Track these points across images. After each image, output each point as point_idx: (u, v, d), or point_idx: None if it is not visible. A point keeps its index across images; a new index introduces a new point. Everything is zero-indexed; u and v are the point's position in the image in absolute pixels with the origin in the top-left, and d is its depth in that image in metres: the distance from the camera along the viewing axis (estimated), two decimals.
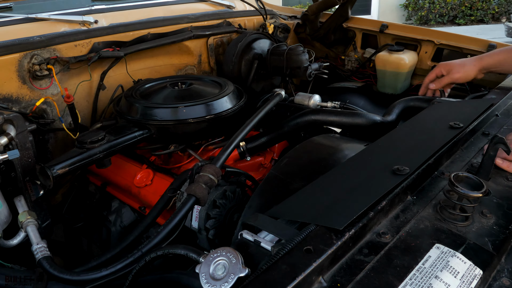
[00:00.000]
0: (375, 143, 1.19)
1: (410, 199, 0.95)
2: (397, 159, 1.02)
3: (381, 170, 0.97)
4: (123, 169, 1.75)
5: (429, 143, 1.11)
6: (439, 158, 1.06)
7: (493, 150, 1.00)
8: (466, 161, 1.12)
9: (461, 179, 0.89)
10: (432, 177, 1.04)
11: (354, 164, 1.05)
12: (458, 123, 1.18)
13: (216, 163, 1.31)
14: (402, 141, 1.17)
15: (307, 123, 1.59)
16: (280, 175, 1.22)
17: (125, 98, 1.70)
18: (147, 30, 2.04)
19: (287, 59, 2.03)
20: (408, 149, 1.10)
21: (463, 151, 1.17)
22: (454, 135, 1.14)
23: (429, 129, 1.23)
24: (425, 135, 1.18)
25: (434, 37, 2.25)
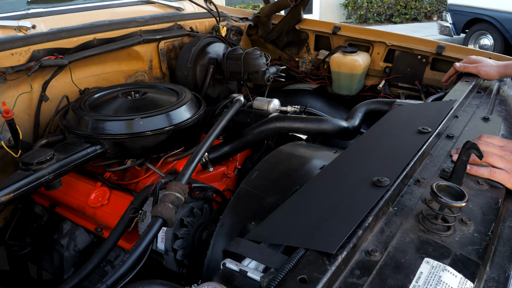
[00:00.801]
0: (347, 151, 1.16)
1: (392, 210, 0.94)
2: (374, 169, 1.00)
3: (361, 182, 0.94)
4: (75, 188, 1.60)
5: (402, 150, 1.11)
6: (413, 166, 1.06)
7: (465, 156, 1.01)
8: (437, 167, 1.12)
9: (442, 188, 0.89)
10: (408, 185, 1.04)
11: (331, 176, 1.02)
12: (426, 128, 1.19)
13: (182, 179, 1.23)
14: (373, 148, 1.16)
15: (272, 131, 1.54)
16: (252, 190, 1.17)
17: (73, 111, 1.55)
18: (93, 35, 1.89)
19: (244, 63, 1.97)
20: (382, 157, 1.08)
21: (432, 156, 1.18)
22: (424, 141, 1.14)
23: (397, 134, 1.23)
24: (395, 142, 1.18)
25: (386, 38, 2.30)
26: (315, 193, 0.96)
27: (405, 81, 2.29)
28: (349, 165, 1.06)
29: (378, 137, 1.24)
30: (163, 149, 1.58)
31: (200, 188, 1.30)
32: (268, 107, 2.00)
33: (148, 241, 1.09)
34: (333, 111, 2.36)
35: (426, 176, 1.08)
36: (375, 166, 1.02)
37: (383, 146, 1.16)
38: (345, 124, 1.50)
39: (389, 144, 1.17)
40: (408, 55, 2.23)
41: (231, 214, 1.14)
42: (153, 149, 1.53)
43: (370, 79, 2.46)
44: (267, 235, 0.83)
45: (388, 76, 2.34)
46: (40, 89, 1.77)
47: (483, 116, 1.43)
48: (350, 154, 1.14)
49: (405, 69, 2.27)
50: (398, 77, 2.30)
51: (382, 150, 1.13)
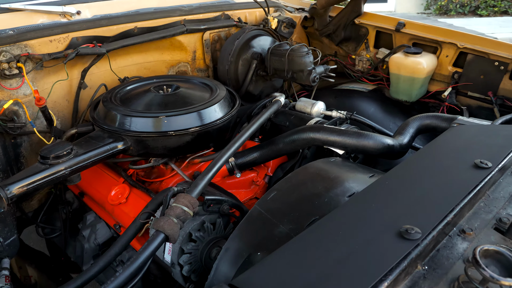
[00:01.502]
0: (381, 181, 0.98)
1: (421, 270, 0.75)
2: (406, 212, 0.82)
3: (385, 231, 0.77)
4: (99, 180, 1.57)
5: (449, 188, 0.91)
6: (460, 211, 0.85)
7: None
8: (493, 214, 0.90)
9: (489, 254, 0.69)
10: (449, 236, 0.84)
11: (351, 215, 0.85)
12: (486, 162, 0.97)
13: (193, 191, 1.12)
14: (413, 182, 0.96)
15: (305, 142, 1.38)
16: (266, 213, 1.03)
17: (103, 103, 1.51)
18: (134, 24, 1.83)
19: (289, 61, 1.81)
20: (421, 196, 0.89)
21: (489, 198, 0.96)
22: (480, 179, 0.92)
23: (448, 166, 1.01)
24: (443, 176, 0.97)
25: (457, 39, 2.00)
26: (328, 236, 0.81)
27: (476, 91, 1.99)
28: (377, 203, 0.89)
29: (423, 167, 1.04)
30: (189, 150, 1.49)
31: (215, 201, 1.19)
32: (312, 110, 1.83)
33: (146, 256, 1.00)
34: (387, 118, 2.13)
35: (476, 225, 0.87)
36: (409, 209, 0.84)
37: (427, 180, 0.96)
38: (390, 142, 1.30)
39: (435, 178, 0.96)
40: (482, 60, 1.92)
41: (238, 239, 1.01)
42: (177, 150, 1.45)
43: (435, 84, 2.18)
44: (255, 285, 0.69)
45: (457, 83, 2.04)
46: (79, 76, 1.76)
47: None
48: (382, 187, 0.95)
49: (477, 77, 1.96)
50: (468, 85, 2.00)
51: (424, 185, 0.94)
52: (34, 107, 1.62)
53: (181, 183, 1.24)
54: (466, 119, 1.35)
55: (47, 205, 1.77)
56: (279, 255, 0.77)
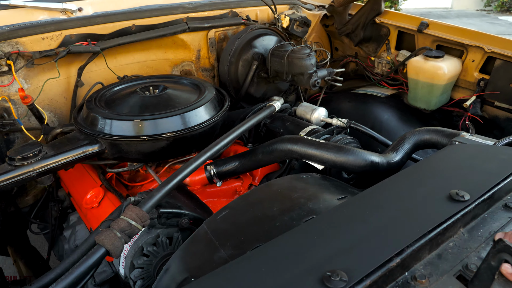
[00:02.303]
0: (340, 207, 0.86)
1: None
2: (344, 252, 0.70)
3: (308, 275, 0.65)
4: (81, 180, 1.55)
5: (409, 224, 0.77)
6: (415, 252, 0.71)
7: (495, 260, 0.64)
8: (462, 257, 0.75)
9: None
10: (396, 282, 0.70)
11: (284, 250, 0.74)
12: (463, 194, 0.81)
13: (146, 203, 1.05)
14: (375, 211, 0.83)
15: (283, 153, 1.26)
16: (211, 234, 0.94)
17: (86, 104, 1.48)
18: (132, 22, 1.79)
19: (289, 63, 1.69)
20: (374, 231, 0.76)
21: (463, 236, 0.80)
22: (451, 214, 0.77)
23: (422, 195, 0.86)
24: (411, 207, 0.83)
25: (485, 42, 1.77)
26: (252, 271, 0.70)
27: (504, 100, 1.76)
28: (321, 236, 0.76)
29: (394, 193, 0.90)
30: (167, 155, 1.42)
31: (171, 214, 1.11)
32: (311, 117, 1.70)
33: (81, 272, 0.95)
34: (402, 126, 1.94)
35: (436, 271, 0.72)
36: (351, 248, 0.71)
37: (391, 210, 0.82)
38: (375, 159, 1.15)
39: (400, 208, 0.82)
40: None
41: (179, 259, 0.93)
42: (152, 155, 1.38)
43: (459, 91, 1.96)
44: None
45: (483, 91, 1.82)
46: (76, 73, 1.75)
47: None
48: (336, 215, 0.83)
49: (506, 85, 1.73)
50: (495, 94, 1.77)
51: (384, 217, 0.80)
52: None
53: (143, 192, 1.17)
54: (468, 136, 1.17)
55: (41, 202, 1.79)
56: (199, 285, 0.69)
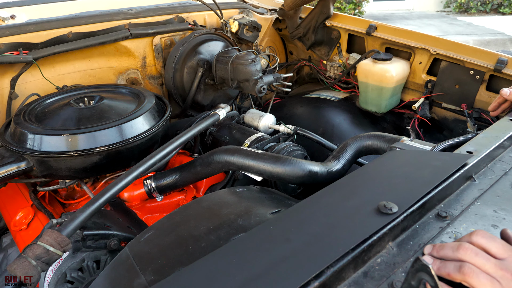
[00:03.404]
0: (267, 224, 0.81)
1: None
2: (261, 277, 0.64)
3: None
4: (12, 200, 1.44)
5: (334, 241, 0.72)
6: (337, 273, 0.67)
7: (414, 280, 0.60)
8: (389, 275, 0.71)
9: None
10: None
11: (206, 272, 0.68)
12: (391, 206, 0.77)
13: (67, 226, 0.97)
14: (301, 227, 0.78)
15: (220, 165, 1.20)
16: (133, 258, 0.87)
17: (13, 118, 1.38)
18: (68, 29, 1.69)
19: (233, 69, 1.64)
20: (297, 250, 0.71)
21: (391, 251, 0.76)
22: (377, 229, 0.74)
23: (352, 207, 0.82)
24: (340, 221, 0.78)
25: (430, 44, 1.78)
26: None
27: (451, 102, 1.77)
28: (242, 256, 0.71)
29: (323, 205, 0.85)
30: (102, 171, 1.34)
31: (98, 236, 1.04)
32: (259, 124, 1.65)
33: None
34: (355, 130, 1.92)
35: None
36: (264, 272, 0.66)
37: (315, 226, 0.78)
38: (315, 169, 1.11)
39: (325, 224, 0.78)
40: (457, 68, 1.70)
41: (99, 287, 0.85)
42: (85, 171, 1.29)
43: (409, 93, 1.96)
44: None
45: (430, 92, 1.82)
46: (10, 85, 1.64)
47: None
48: (262, 231, 0.78)
49: (452, 86, 1.74)
50: (442, 96, 1.78)
51: (306, 234, 0.75)
52: None
53: (68, 213, 1.09)
54: (408, 141, 1.15)
55: None
56: None
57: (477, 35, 7.99)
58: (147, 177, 1.35)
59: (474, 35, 7.98)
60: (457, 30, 8.53)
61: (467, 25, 9.18)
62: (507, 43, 7.63)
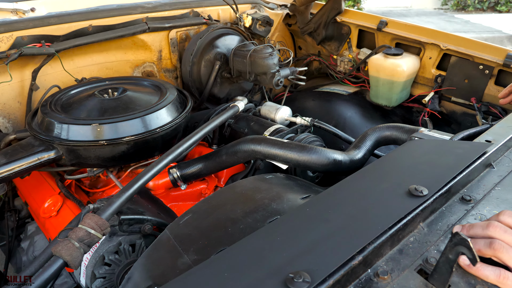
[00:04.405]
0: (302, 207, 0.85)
1: None
2: (307, 253, 0.69)
3: (272, 277, 0.64)
4: (39, 189, 1.48)
5: (371, 221, 0.77)
6: (376, 249, 0.72)
7: (452, 253, 0.65)
8: (422, 251, 0.76)
9: None
10: (359, 280, 0.70)
11: (248, 252, 0.73)
12: (421, 189, 0.82)
13: (105, 210, 1.01)
14: (336, 210, 0.83)
15: (246, 154, 1.25)
16: (174, 239, 0.91)
17: (40, 108, 1.41)
18: (89, 22, 1.73)
19: (251, 62, 1.68)
20: (337, 230, 0.76)
21: (422, 231, 0.82)
22: (410, 210, 0.79)
23: (381, 192, 0.87)
24: (371, 204, 0.83)
25: (441, 40, 1.83)
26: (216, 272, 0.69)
27: (460, 96, 1.82)
28: (282, 237, 0.76)
29: (354, 191, 0.90)
30: (128, 160, 1.38)
31: (133, 221, 1.08)
32: (275, 116, 1.70)
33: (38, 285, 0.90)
34: (366, 123, 1.98)
35: (398, 267, 0.73)
36: (314, 248, 0.71)
37: (350, 208, 0.83)
38: (338, 157, 1.16)
39: (360, 206, 0.83)
40: (466, 63, 1.76)
41: (142, 267, 0.90)
42: (113, 160, 1.33)
43: (419, 87, 2.01)
44: None
45: (440, 87, 1.88)
46: (31, 77, 1.67)
47: None
48: (299, 215, 0.82)
49: (461, 81, 1.79)
50: (451, 90, 1.84)
51: (344, 215, 0.80)
52: None
53: (102, 199, 1.13)
54: (427, 132, 1.20)
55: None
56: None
57: (475, 32, 8.07)
58: (172, 166, 1.39)
59: (471, 32, 8.06)
60: (455, 28, 8.61)
61: (464, 22, 9.27)
62: (504, 40, 7.72)
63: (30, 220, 1.65)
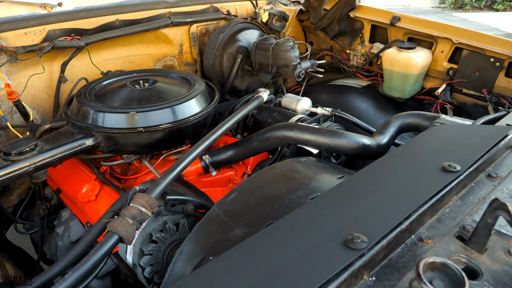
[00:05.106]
0: (344, 183, 0.92)
1: (367, 281, 0.70)
2: (359, 219, 0.76)
3: (331, 239, 0.71)
4: (73, 177, 1.54)
5: (410, 193, 0.84)
6: (419, 217, 0.79)
7: (491, 217, 0.73)
8: (458, 220, 0.84)
9: (436, 267, 0.63)
10: (405, 244, 0.78)
11: (303, 220, 0.80)
12: (454, 165, 0.90)
13: (153, 191, 1.08)
14: (377, 185, 0.90)
15: (278, 140, 1.32)
16: (223, 215, 0.98)
17: (76, 98, 1.48)
18: (115, 16, 1.79)
19: (274, 55, 1.75)
20: (381, 200, 0.83)
21: (456, 203, 0.89)
22: (446, 184, 0.86)
23: (417, 169, 0.95)
24: (409, 179, 0.91)
25: (453, 34, 1.91)
26: (275, 240, 0.76)
27: (471, 88, 1.90)
28: (333, 207, 0.83)
29: (391, 168, 0.98)
30: (162, 147, 1.45)
31: (178, 201, 1.15)
32: (297, 107, 1.77)
33: (97, 259, 0.97)
34: (379, 115, 2.05)
35: (438, 233, 0.81)
36: (363, 215, 0.78)
37: (391, 183, 0.90)
38: (366, 142, 1.24)
39: (399, 181, 0.90)
40: (478, 56, 1.84)
41: (193, 241, 0.97)
42: (149, 147, 1.40)
43: (430, 80, 2.09)
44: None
45: (452, 79, 1.96)
46: (60, 69, 1.73)
47: None
48: (343, 189, 0.90)
49: (472, 73, 1.87)
50: (463, 82, 1.91)
51: (385, 189, 0.88)
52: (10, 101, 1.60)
53: (146, 181, 1.20)
54: (448, 118, 1.28)
55: (26, 201, 1.76)
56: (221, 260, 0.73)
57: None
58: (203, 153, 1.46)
59: None
60: None
61: (462, 21, 9.39)
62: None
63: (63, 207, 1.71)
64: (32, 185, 1.76)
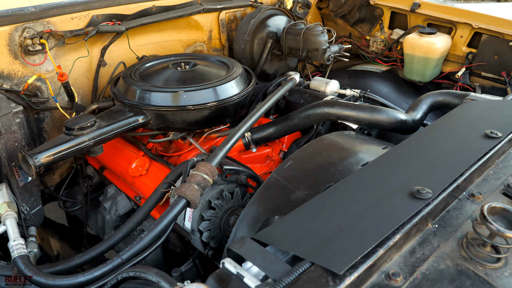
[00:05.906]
0: (394, 150, 1.02)
1: (431, 228, 0.79)
2: (418, 176, 0.86)
3: (398, 192, 0.81)
4: (120, 154, 1.63)
5: (459, 156, 0.94)
6: (469, 176, 0.89)
7: None
8: (502, 180, 0.94)
9: (496, 211, 0.73)
10: (458, 199, 0.88)
11: (366, 179, 0.89)
12: (496, 132, 1.00)
13: (212, 160, 1.17)
14: (426, 150, 1.00)
15: (319, 116, 1.42)
16: (282, 180, 1.08)
17: (123, 79, 1.56)
18: (152, 3, 1.87)
19: (304, 40, 1.84)
20: (433, 162, 0.93)
21: (498, 166, 0.99)
22: (490, 147, 0.96)
23: (460, 136, 1.04)
24: (455, 145, 1.00)
25: (472, 19, 2.00)
26: (343, 196, 0.85)
27: (490, 71, 2.00)
28: (391, 168, 0.92)
29: (435, 137, 1.07)
30: (207, 125, 1.54)
31: (232, 171, 1.24)
32: (326, 89, 1.85)
33: (168, 221, 1.06)
34: (401, 98, 2.14)
35: (485, 190, 0.91)
36: (421, 172, 0.88)
37: (438, 148, 1.00)
38: (403, 117, 1.33)
39: (446, 147, 1.00)
40: (497, 40, 1.93)
41: (257, 204, 1.06)
42: (195, 124, 1.49)
43: (449, 65, 2.18)
44: (276, 239, 0.74)
45: (471, 63, 2.05)
46: (99, 54, 1.81)
47: None
48: (397, 154, 0.99)
49: (491, 57, 1.96)
50: (482, 66, 2.01)
51: (435, 153, 0.97)
52: (56, 83, 1.68)
53: (199, 155, 1.29)
54: (478, 95, 1.37)
55: (68, 179, 1.85)
56: (296, 214, 0.82)
57: None
58: None
59: None
60: None
61: None
62: None
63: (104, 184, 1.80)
64: (74, 164, 1.84)
